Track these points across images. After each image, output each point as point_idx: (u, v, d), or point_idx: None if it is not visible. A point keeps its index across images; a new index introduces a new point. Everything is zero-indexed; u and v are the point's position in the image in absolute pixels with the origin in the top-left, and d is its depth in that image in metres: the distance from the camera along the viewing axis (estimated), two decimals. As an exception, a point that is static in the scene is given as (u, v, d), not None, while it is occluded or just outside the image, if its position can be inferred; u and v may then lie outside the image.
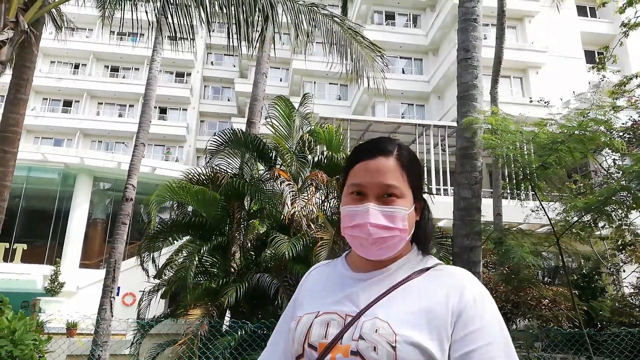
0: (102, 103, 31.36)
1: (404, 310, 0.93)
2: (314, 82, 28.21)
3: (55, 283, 16.83)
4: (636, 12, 12.53)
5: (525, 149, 6.13)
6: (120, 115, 31.18)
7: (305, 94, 7.19)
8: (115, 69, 32.12)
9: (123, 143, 30.66)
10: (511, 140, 5.27)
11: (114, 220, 10.07)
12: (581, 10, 25.52)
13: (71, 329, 11.41)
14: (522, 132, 5.59)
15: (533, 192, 5.82)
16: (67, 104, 30.79)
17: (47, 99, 30.64)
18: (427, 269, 1.01)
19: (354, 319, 0.94)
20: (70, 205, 20.30)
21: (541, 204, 5.79)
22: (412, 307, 0.94)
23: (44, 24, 6.42)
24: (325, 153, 6.78)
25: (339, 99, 28.49)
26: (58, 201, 21.30)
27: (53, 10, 7.96)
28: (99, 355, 8.47)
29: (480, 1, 6.17)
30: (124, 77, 31.80)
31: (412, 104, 25.74)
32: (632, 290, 9.17)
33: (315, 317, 0.99)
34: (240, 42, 6.60)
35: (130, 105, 31.55)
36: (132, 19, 6.22)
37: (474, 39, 6.07)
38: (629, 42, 21.16)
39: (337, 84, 27.77)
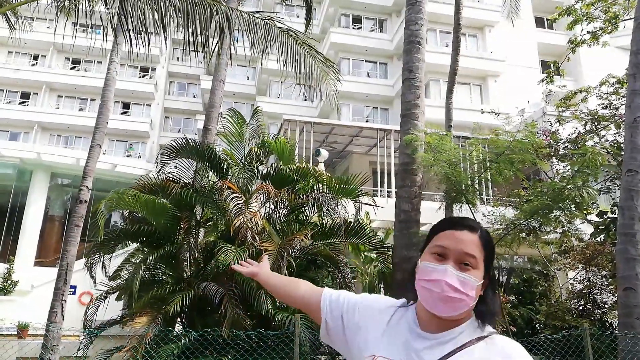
0: (62, 96, 30.43)
1: None
2: (281, 82, 28.29)
3: (8, 281, 16.38)
4: (582, 30, 13.25)
5: (460, 165, 6.53)
6: (80, 109, 30.35)
7: (256, 107, 7.39)
8: (76, 62, 31.22)
9: (82, 137, 29.91)
10: (446, 159, 5.63)
11: (73, 217, 9.97)
12: (539, 22, 26.53)
13: (22, 331, 11.23)
14: (459, 150, 5.96)
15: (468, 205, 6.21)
16: (25, 96, 29.69)
17: (3, 90, 29.52)
18: (485, 337, 1.16)
19: None
20: (26, 201, 19.78)
21: (473, 215, 6.19)
22: None
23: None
24: (274, 165, 6.99)
25: (306, 100, 28.69)
26: (13, 197, 20.71)
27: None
28: (48, 358, 8.45)
29: (424, 25, 6.50)
30: (85, 70, 30.99)
31: (377, 107, 26.21)
32: (566, 295, 9.77)
33: None
34: (197, 51, 6.74)
35: (92, 99, 30.73)
36: (97, 12, 6.25)
37: (417, 60, 6.40)
38: (582, 55, 22.26)
39: (304, 85, 27.84)
